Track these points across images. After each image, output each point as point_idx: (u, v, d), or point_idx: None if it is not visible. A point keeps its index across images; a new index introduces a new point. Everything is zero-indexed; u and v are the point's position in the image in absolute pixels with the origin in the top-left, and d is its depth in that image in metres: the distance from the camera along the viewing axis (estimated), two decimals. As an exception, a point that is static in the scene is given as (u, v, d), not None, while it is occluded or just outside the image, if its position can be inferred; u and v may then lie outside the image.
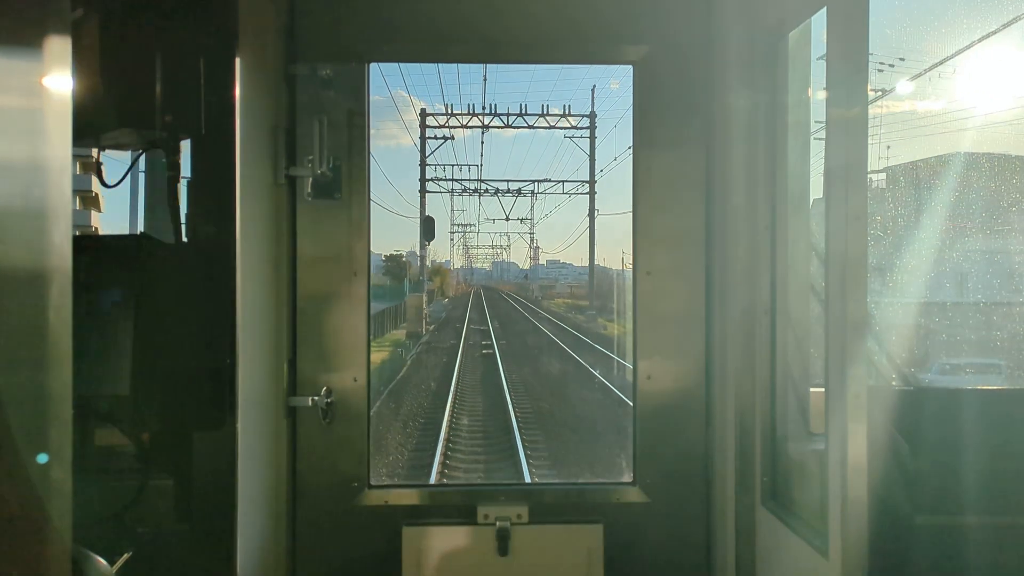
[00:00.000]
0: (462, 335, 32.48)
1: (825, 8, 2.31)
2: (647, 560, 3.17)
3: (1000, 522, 2.73)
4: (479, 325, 39.40)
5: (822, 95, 2.38)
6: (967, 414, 2.87)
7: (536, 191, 49.25)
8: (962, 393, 3.33)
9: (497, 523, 3.09)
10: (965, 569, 2.66)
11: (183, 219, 2.96)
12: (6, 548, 1.08)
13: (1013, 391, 3.33)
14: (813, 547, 2.40)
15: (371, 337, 3.21)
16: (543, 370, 23.35)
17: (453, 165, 59.26)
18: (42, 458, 1.13)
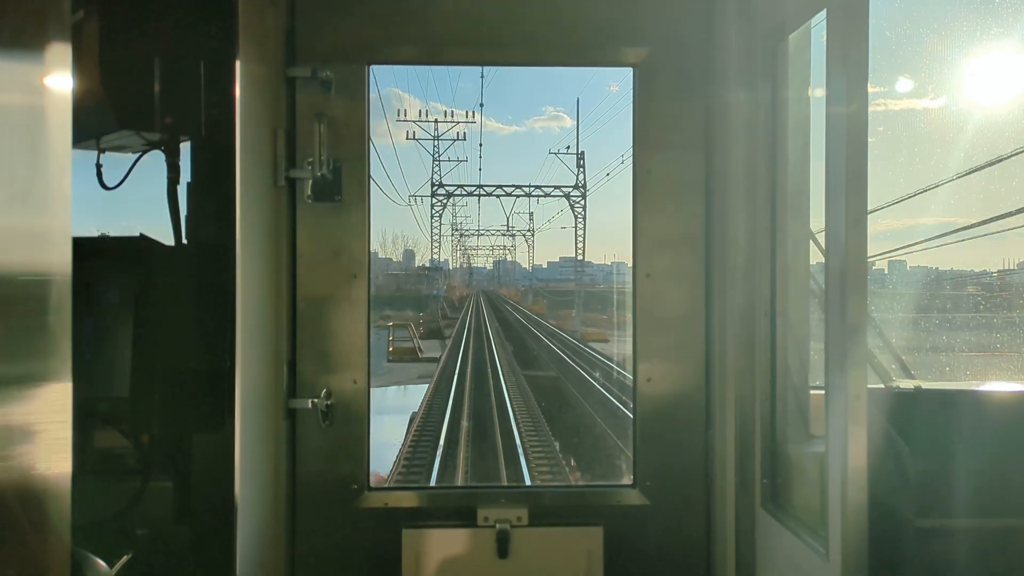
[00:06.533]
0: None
1: (825, 10, 2.32)
2: (647, 562, 3.17)
3: (1000, 524, 2.73)
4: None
5: (822, 97, 2.38)
6: (967, 415, 2.87)
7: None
8: (962, 394, 3.32)
9: (497, 525, 3.08)
10: (965, 571, 2.66)
11: (183, 221, 2.96)
12: (5, 549, 1.08)
13: (1012, 392, 3.32)
14: (813, 549, 2.40)
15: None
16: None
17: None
18: (42, 459, 1.13)
